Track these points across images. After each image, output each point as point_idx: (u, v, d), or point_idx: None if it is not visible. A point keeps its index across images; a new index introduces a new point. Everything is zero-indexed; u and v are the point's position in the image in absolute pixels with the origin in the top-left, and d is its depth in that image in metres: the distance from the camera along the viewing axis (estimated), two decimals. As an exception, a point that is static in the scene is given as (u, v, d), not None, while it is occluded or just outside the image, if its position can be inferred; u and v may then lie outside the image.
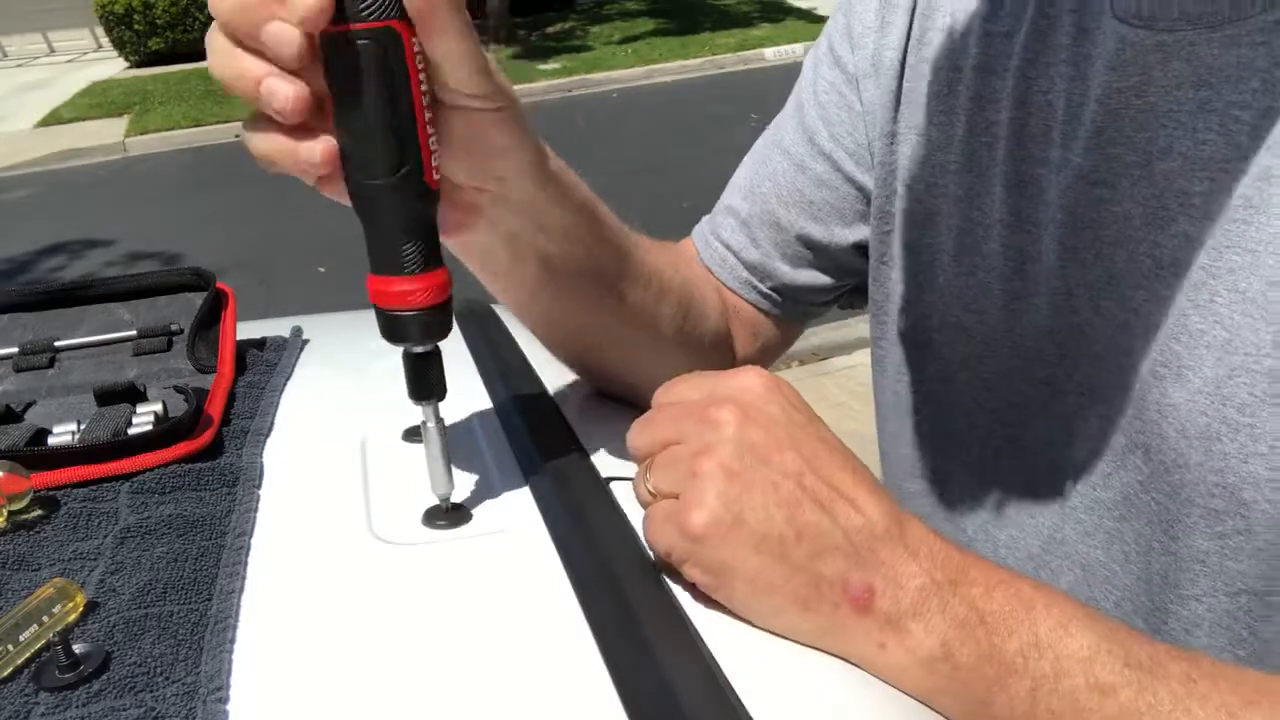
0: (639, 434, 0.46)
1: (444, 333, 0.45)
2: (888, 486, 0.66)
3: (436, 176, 0.43)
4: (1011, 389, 0.55)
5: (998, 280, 0.54)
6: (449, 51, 0.40)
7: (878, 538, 0.40)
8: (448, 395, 0.47)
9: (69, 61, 12.09)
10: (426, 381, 0.46)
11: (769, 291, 0.70)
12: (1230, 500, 0.43)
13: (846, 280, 0.70)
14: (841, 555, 0.40)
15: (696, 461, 0.41)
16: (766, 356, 0.73)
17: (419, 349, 0.45)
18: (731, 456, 0.41)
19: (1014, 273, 0.53)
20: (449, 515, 0.49)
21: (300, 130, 0.40)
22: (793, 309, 0.71)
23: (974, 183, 0.55)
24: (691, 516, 0.40)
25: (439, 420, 0.47)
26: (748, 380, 0.45)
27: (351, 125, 0.40)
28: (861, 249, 0.67)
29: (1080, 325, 0.50)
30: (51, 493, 0.52)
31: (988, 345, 0.56)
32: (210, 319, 0.70)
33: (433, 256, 0.43)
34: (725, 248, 0.70)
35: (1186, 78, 0.44)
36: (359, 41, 0.38)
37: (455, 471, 0.49)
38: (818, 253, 0.68)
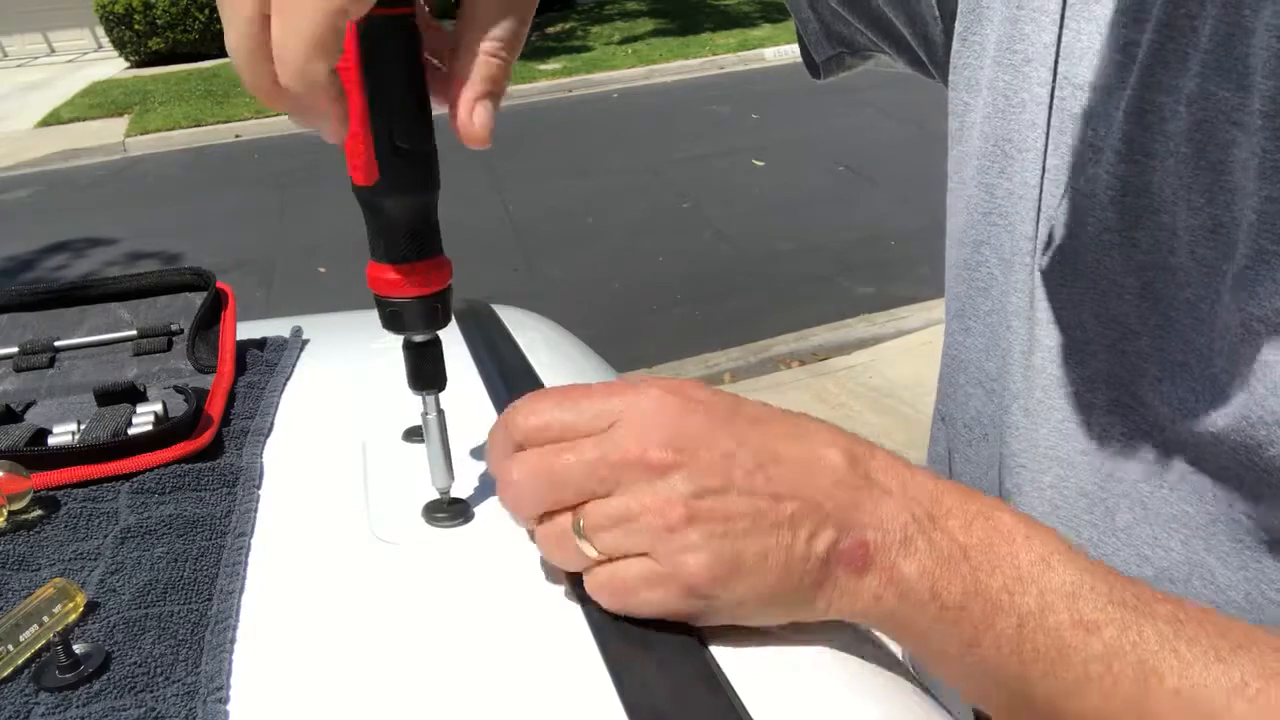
0: (527, 487, 0.40)
1: (444, 321, 0.45)
2: (940, 438, 0.63)
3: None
4: (1077, 322, 0.52)
5: (1096, 208, 0.50)
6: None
7: (851, 487, 0.39)
8: (448, 396, 0.47)
9: (69, 61, 12.09)
10: (426, 371, 0.46)
11: None
12: None
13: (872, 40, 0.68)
14: (831, 524, 0.38)
15: (664, 513, 0.38)
16: None
17: (419, 338, 0.45)
18: (693, 495, 0.38)
19: (1111, 203, 0.49)
20: (449, 509, 0.49)
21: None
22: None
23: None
24: (695, 575, 0.38)
25: (439, 411, 0.47)
26: (647, 401, 0.40)
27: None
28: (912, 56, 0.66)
29: (1174, 268, 0.46)
30: (51, 493, 0.52)
31: (1063, 276, 0.53)
32: (210, 319, 0.70)
33: (432, 243, 0.43)
34: None
35: None
36: (373, 27, 0.39)
37: (456, 471, 0.49)
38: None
